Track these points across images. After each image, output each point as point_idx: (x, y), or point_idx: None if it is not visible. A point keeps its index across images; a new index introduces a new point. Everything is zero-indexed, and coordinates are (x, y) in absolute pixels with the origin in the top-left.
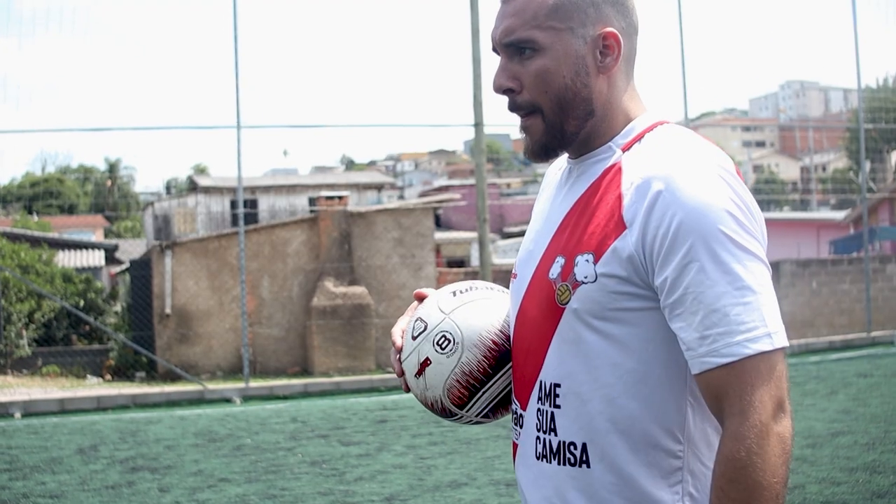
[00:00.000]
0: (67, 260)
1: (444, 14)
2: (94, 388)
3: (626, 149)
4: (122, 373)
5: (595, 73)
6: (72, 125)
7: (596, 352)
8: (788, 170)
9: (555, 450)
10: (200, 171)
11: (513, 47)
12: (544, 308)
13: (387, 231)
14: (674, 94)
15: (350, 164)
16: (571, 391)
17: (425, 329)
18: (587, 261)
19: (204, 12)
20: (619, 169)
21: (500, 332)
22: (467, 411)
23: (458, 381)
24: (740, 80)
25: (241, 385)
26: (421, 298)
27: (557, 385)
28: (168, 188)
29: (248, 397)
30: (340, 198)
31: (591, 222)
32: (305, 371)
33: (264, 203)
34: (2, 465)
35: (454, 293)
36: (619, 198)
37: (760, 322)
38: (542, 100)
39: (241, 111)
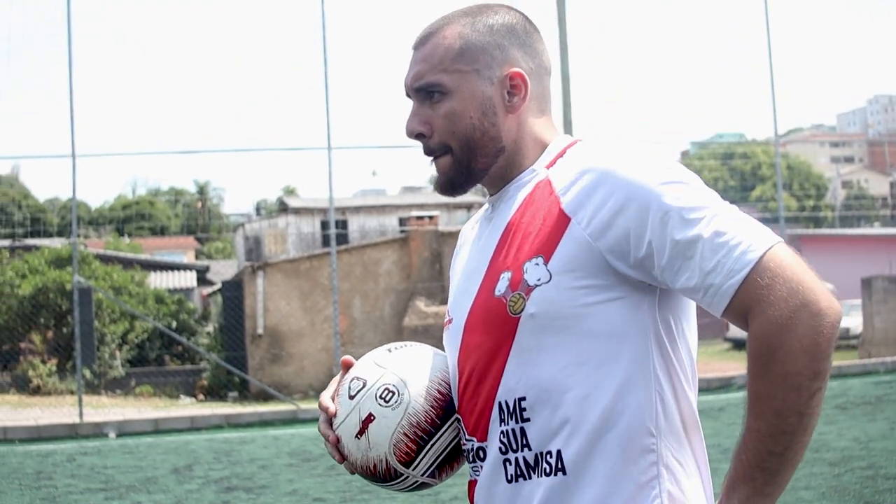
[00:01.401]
0: (159, 281)
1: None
2: (187, 408)
3: (549, 166)
4: (214, 393)
5: (503, 113)
6: (163, 148)
7: (560, 353)
8: (878, 185)
9: (532, 464)
10: (290, 192)
11: (423, 92)
12: (496, 327)
13: None
14: (763, 112)
15: None
16: (540, 400)
17: (364, 386)
18: (537, 264)
19: (292, 35)
20: (548, 180)
21: (444, 381)
22: (413, 469)
23: (405, 434)
24: (828, 96)
25: None
26: (348, 365)
27: (522, 399)
28: (258, 209)
29: None
30: (431, 217)
31: (530, 231)
32: None
33: (354, 223)
34: (98, 485)
35: (389, 350)
36: (556, 199)
37: (748, 229)
38: (450, 140)
39: (331, 132)
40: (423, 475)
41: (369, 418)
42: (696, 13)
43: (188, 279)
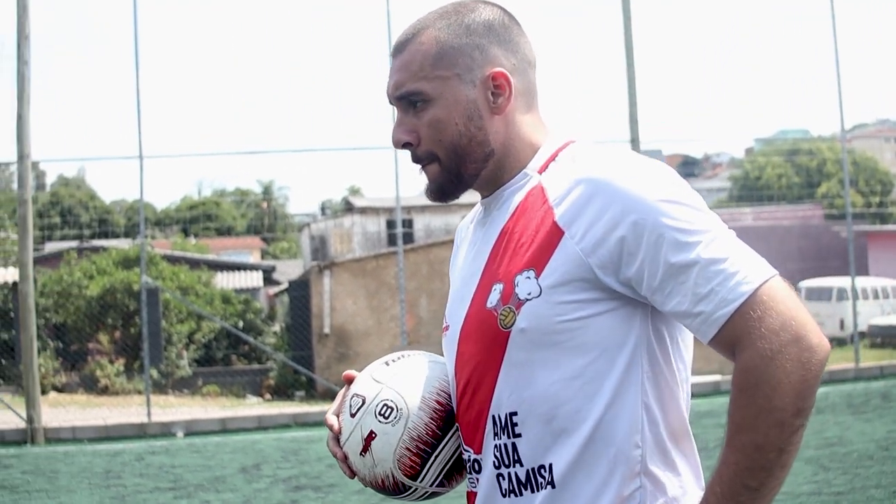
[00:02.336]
0: (226, 281)
1: (597, 32)
2: (254, 407)
3: (542, 171)
4: (281, 392)
5: (489, 115)
6: (228, 149)
7: (551, 368)
8: None
9: (523, 480)
10: (354, 191)
11: (405, 100)
12: (487, 339)
13: None
14: (828, 108)
15: None
16: (531, 415)
17: (363, 403)
18: (528, 277)
19: (356, 33)
20: (542, 188)
21: (443, 391)
22: (421, 482)
23: (407, 448)
24: (892, 91)
25: None
26: (350, 380)
27: (514, 413)
28: (323, 209)
29: None
30: None
31: (523, 242)
32: None
33: (420, 223)
34: (166, 484)
35: (387, 363)
36: (549, 210)
37: (745, 259)
38: (437, 148)
39: None
40: (431, 485)
41: (371, 436)
42: (761, 9)
43: (254, 279)
